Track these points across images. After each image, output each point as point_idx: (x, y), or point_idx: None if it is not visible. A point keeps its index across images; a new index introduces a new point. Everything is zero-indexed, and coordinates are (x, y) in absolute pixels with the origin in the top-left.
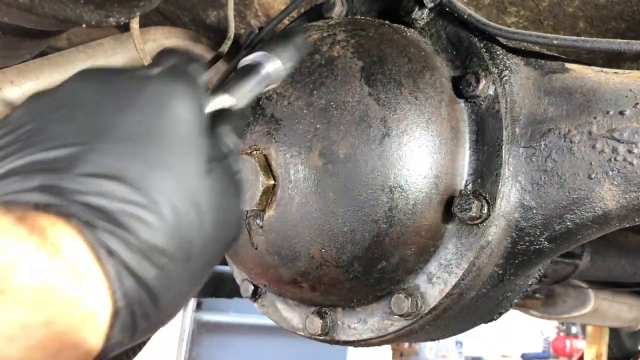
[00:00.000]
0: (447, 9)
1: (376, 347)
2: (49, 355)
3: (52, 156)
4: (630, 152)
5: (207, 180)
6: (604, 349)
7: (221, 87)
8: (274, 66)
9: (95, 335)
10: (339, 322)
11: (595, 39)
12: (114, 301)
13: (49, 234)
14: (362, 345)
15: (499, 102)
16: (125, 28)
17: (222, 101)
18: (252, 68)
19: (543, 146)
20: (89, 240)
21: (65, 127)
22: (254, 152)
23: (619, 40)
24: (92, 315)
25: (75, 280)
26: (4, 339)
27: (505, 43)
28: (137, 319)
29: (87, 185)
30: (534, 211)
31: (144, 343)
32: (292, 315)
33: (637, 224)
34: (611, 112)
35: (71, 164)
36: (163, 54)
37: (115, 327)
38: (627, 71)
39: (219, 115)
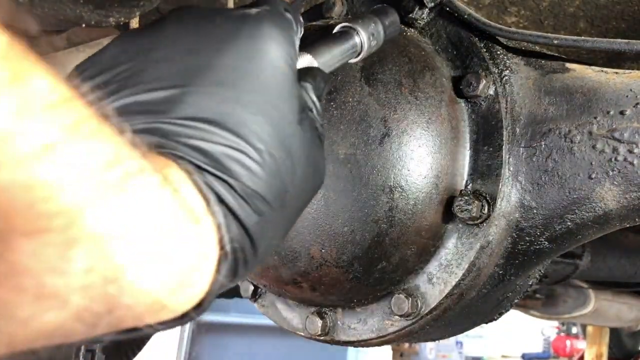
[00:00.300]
0: (448, 9)
1: (376, 347)
2: (168, 291)
3: (152, 97)
4: (630, 152)
5: (299, 129)
6: (605, 349)
7: (310, 47)
8: (364, 38)
9: (205, 277)
10: (339, 322)
11: (595, 38)
12: (222, 246)
13: (167, 174)
14: (362, 346)
15: (499, 102)
16: (125, 28)
17: (307, 61)
18: (344, 35)
19: (543, 146)
20: (198, 183)
21: (164, 69)
22: None
23: (619, 40)
24: (205, 257)
25: (192, 222)
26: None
27: (505, 43)
28: (239, 264)
29: (190, 128)
30: (535, 211)
31: (144, 343)
32: (292, 315)
33: (638, 224)
34: (612, 112)
35: (172, 106)
36: None
37: (220, 272)
38: (627, 71)
39: (303, 71)
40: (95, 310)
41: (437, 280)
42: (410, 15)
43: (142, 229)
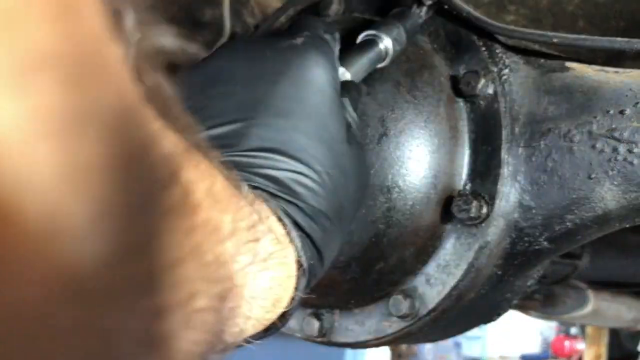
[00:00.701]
0: (446, 7)
1: (374, 349)
2: (264, 311)
3: (219, 132)
4: (630, 151)
5: (348, 149)
6: (604, 350)
7: (340, 60)
8: (389, 43)
9: (289, 295)
10: (336, 323)
11: (595, 37)
12: (299, 265)
13: (259, 210)
14: (360, 347)
15: (498, 102)
16: None
17: (341, 75)
18: (369, 44)
19: (543, 146)
20: (273, 209)
21: (226, 104)
22: None
23: (619, 39)
24: (290, 277)
25: (278, 246)
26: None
27: (504, 41)
28: (311, 278)
29: (258, 158)
30: (534, 211)
31: None
32: None
33: (638, 224)
34: (611, 112)
35: (239, 139)
36: (300, 21)
37: (299, 288)
38: (627, 70)
39: (342, 87)
40: (219, 333)
41: (436, 281)
42: None
43: (258, 270)
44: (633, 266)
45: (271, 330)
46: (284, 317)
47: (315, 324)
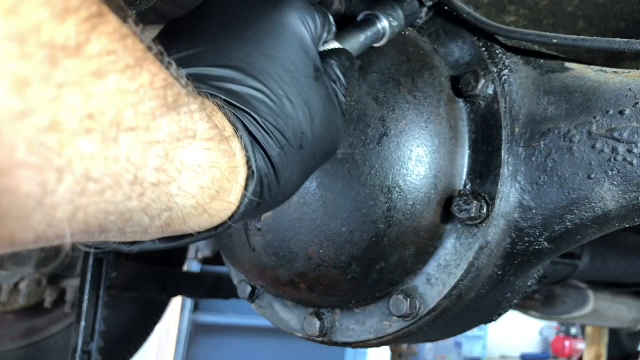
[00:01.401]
0: (446, 8)
1: (375, 349)
2: (207, 197)
3: (193, 53)
4: (630, 152)
5: (315, 85)
6: (604, 350)
7: (336, 35)
8: (387, 24)
9: (236, 190)
10: (337, 323)
11: (594, 38)
12: (249, 166)
13: (204, 104)
14: (361, 347)
15: (498, 102)
16: None
17: (333, 46)
18: (367, 22)
19: (543, 146)
20: (227, 114)
21: (205, 34)
22: None
23: (618, 40)
24: (238, 170)
25: (225, 140)
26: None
27: (504, 42)
28: (264, 188)
29: (220, 73)
30: (534, 211)
31: (140, 344)
32: (290, 316)
33: (637, 224)
34: (611, 112)
35: (207, 57)
36: None
37: (248, 189)
38: (627, 70)
39: (330, 51)
40: (157, 206)
41: (436, 281)
42: None
43: (191, 141)
44: (633, 266)
45: (222, 227)
46: (234, 214)
47: (316, 323)
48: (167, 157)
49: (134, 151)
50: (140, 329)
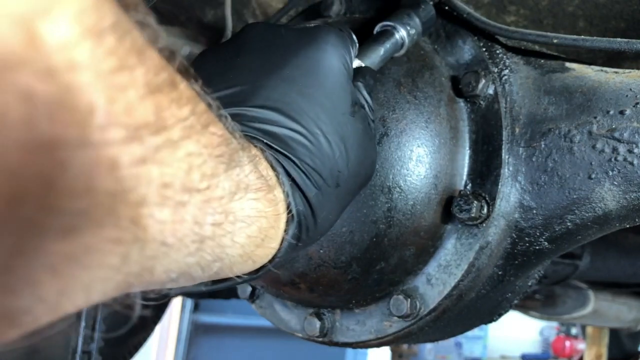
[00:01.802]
0: (447, 8)
1: (375, 349)
2: (254, 245)
3: (227, 93)
4: (630, 152)
5: (351, 120)
6: (604, 350)
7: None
8: (405, 33)
9: (278, 235)
10: (337, 323)
11: (595, 38)
12: (289, 210)
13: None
14: (361, 347)
15: (498, 102)
16: None
17: (356, 64)
18: (385, 34)
19: (543, 146)
20: (269, 159)
21: (239, 71)
22: None
23: (619, 40)
24: (278, 218)
25: (270, 189)
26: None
27: (504, 42)
28: (302, 229)
29: (259, 114)
30: (534, 211)
31: (140, 344)
32: (290, 316)
33: (638, 224)
34: (611, 112)
35: (245, 98)
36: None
37: (288, 233)
38: (627, 70)
39: (355, 72)
40: (210, 258)
41: (436, 281)
42: None
43: (244, 194)
44: (633, 266)
45: (263, 269)
46: (274, 257)
47: (317, 323)
48: (224, 212)
49: (197, 211)
50: (141, 329)
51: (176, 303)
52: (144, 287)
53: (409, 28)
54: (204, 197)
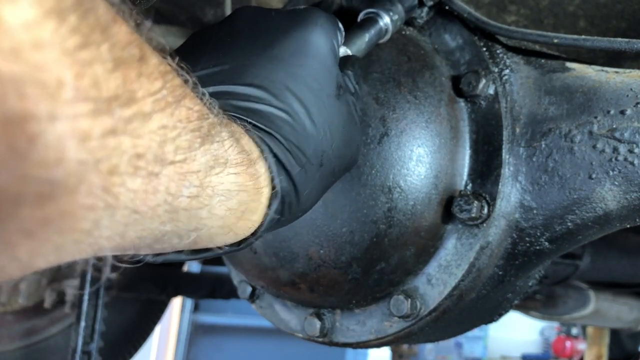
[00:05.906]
0: (447, 8)
1: (375, 349)
2: (234, 218)
3: (218, 70)
4: (631, 151)
5: (336, 103)
6: (605, 350)
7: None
8: (388, 20)
9: (260, 209)
10: (337, 323)
11: (595, 37)
12: (273, 185)
13: (231, 129)
14: (361, 347)
15: (499, 102)
16: None
17: (342, 51)
18: (369, 21)
19: (543, 146)
20: (253, 138)
21: (230, 51)
22: None
23: (619, 39)
24: (262, 190)
25: (252, 163)
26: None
27: (505, 42)
28: (285, 206)
29: (244, 91)
30: (535, 211)
31: (140, 344)
32: (290, 317)
33: (638, 224)
34: (612, 112)
35: (231, 75)
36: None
37: (271, 208)
38: (628, 70)
39: (342, 61)
40: (187, 228)
41: (437, 281)
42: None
43: (222, 168)
44: (634, 266)
45: (245, 242)
46: (257, 231)
47: (317, 324)
48: (201, 185)
49: (171, 183)
50: (140, 329)
51: (176, 303)
52: (116, 250)
53: (392, 14)
54: (179, 170)
